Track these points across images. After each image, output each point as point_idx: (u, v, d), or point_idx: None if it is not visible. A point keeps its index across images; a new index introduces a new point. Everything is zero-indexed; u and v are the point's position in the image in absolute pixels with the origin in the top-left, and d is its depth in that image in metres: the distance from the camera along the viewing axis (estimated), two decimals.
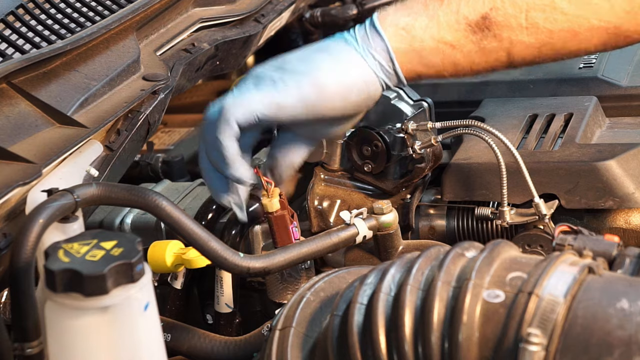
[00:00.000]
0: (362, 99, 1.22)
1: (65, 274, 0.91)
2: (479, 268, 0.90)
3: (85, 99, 1.25)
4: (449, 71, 1.25)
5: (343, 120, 1.25)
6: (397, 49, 1.22)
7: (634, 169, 1.30)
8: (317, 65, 1.21)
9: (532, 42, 1.22)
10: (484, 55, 1.23)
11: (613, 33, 1.22)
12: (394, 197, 1.39)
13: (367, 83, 1.22)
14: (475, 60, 1.24)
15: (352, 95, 1.21)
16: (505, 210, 1.29)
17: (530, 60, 1.25)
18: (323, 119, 1.23)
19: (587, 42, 1.23)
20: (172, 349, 1.22)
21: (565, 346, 0.84)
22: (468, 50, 1.22)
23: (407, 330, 0.90)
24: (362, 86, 1.22)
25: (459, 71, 1.25)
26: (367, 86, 1.22)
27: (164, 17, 1.50)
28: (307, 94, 1.19)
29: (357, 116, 1.26)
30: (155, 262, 1.21)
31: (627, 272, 0.96)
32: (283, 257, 1.17)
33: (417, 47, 1.22)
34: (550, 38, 1.22)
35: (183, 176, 1.80)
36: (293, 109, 1.19)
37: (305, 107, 1.20)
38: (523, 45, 1.22)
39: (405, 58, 1.23)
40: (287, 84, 1.19)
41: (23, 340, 0.98)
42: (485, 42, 1.22)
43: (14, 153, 1.12)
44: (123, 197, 1.08)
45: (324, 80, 1.20)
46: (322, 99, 1.20)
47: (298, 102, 1.19)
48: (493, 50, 1.23)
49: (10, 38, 1.26)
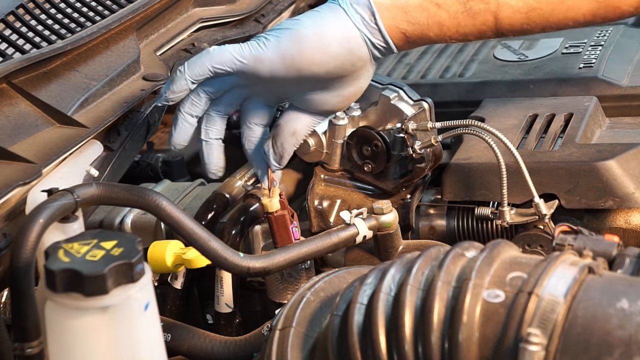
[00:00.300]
0: (344, 53, 1.21)
1: (65, 274, 0.91)
2: (479, 268, 0.90)
3: (85, 99, 1.26)
4: (435, 31, 1.24)
5: (333, 84, 1.24)
6: (380, 4, 1.22)
7: (634, 169, 1.30)
8: (298, 19, 1.22)
9: (520, 6, 1.22)
10: (470, 17, 1.23)
11: (602, 1, 1.22)
12: (394, 197, 1.39)
13: (347, 36, 1.21)
14: (461, 22, 1.23)
15: (332, 48, 1.21)
16: (505, 210, 1.29)
17: (518, 27, 1.25)
18: (307, 78, 1.22)
19: (576, 9, 1.23)
20: (172, 349, 1.22)
21: (565, 346, 0.84)
22: (454, 11, 1.22)
23: (407, 330, 0.90)
24: (341, 38, 1.21)
25: (445, 32, 1.24)
26: (347, 40, 1.21)
27: (164, 17, 1.51)
28: (285, 46, 1.20)
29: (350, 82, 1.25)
30: (155, 262, 1.21)
31: (627, 272, 0.96)
32: (283, 257, 1.17)
33: (401, 4, 1.22)
34: (538, 3, 1.22)
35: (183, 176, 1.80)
36: (271, 62, 1.20)
37: (284, 60, 1.20)
38: (510, 9, 1.22)
39: (389, 13, 1.22)
40: (267, 38, 1.21)
41: (23, 340, 0.98)
42: (471, 2, 1.22)
43: (14, 153, 1.12)
44: (123, 197, 1.08)
45: (302, 32, 1.20)
46: (300, 52, 1.20)
47: (276, 54, 1.20)
48: (480, 12, 1.22)
49: (11, 38, 1.26)
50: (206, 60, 1.21)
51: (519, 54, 1.64)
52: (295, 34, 1.20)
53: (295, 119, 1.29)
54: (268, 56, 1.20)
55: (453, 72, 1.62)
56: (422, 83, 1.60)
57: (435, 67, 1.65)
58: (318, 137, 1.39)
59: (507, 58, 1.64)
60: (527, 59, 1.62)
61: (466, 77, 1.60)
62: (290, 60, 1.20)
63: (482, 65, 1.63)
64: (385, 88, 1.36)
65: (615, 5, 1.22)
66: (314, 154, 1.40)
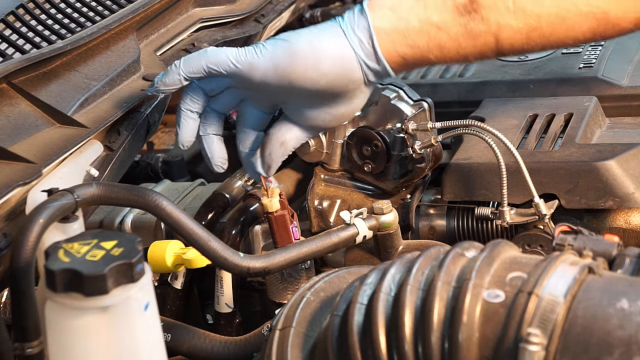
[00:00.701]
0: (336, 72, 1.22)
1: (66, 274, 0.91)
2: (479, 268, 0.90)
3: (85, 99, 1.26)
4: (435, 54, 1.24)
5: (325, 100, 1.25)
6: (379, 28, 1.22)
7: (634, 169, 1.30)
8: (297, 33, 1.23)
9: (520, 26, 1.22)
10: (471, 38, 1.23)
11: (602, 19, 1.22)
12: (394, 197, 1.39)
13: (342, 56, 1.22)
14: (462, 44, 1.23)
15: (325, 65, 1.21)
16: (505, 210, 1.29)
17: (519, 47, 1.25)
18: (298, 91, 1.22)
19: (576, 28, 1.23)
20: (172, 349, 1.22)
21: (565, 346, 0.84)
22: (455, 33, 1.22)
23: (407, 330, 0.90)
24: (336, 57, 1.21)
25: (446, 55, 1.24)
26: (341, 59, 1.22)
27: (164, 17, 1.51)
28: (279, 57, 1.20)
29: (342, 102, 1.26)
30: (155, 262, 1.21)
31: (627, 272, 0.96)
32: (283, 257, 1.17)
33: (402, 28, 1.22)
34: (539, 23, 1.22)
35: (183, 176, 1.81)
36: (264, 70, 1.21)
37: (276, 70, 1.21)
38: (511, 30, 1.22)
39: (388, 38, 1.22)
40: (264, 47, 1.22)
41: (23, 340, 0.98)
42: (472, 24, 1.22)
43: (14, 153, 1.12)
44: (123, 197, 1.08)
45: (298, 45, 1.21)
46: (292, 63, 1.20)
47: (269, 63, 1.21)
48: (481, 34, 1.22)
49: (11, 38, 1.26)
50: (202, 59, 1.22)
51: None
52: (290, 45, 1.21)
53: (285, 129, 1.29)
54: (261, 64, 1.21)
55: (453, 72, 1.62)
56: (422, 83, 1.60)
57: (435, 67, 1.65)
58: (318, 137, 1.39)
59: (507, 58, 1.64)
60: (527, 59, 1.62)
61: (466, 77, 1.60)
62: (282, 71, 1.21)
63: (482, 65, 1.63)
64: (385, 88, 1.36)
65: (615, 22, 1.23)
66: (314, 154, 1.40)
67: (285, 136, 1.29)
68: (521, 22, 1.22)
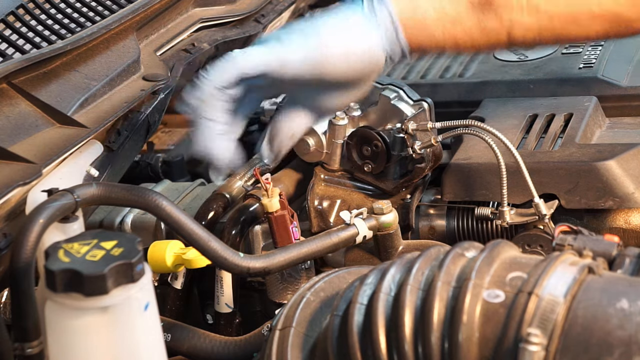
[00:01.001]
0: (365, 63, 1.23)
1: (66, 274, 0.91)
2: (479, 268, 0.90)
3: (85, 99, 1.26)
4: (450, 45, 1.25)
5: (346, 88, 1.25)
6: (400, 15, 1.23)
7: (634, 169, 1.30)
8: (323, 25, 1.23)
9: (533, 24, 1.23)
10: (484, 34, 1.24)
11: (614, 21, 1.23)
12: (394, 197, 1.39)
13: (370, 47, 1.23)
14: (475, 38, 1.25)
15: (355, 58, 1.22)
16: (505, 210, 1.29)
17: (530, 42, 1.26)
18: (326, 83, 1.23)
19: (588, 28, 1.24)
20: (172, 349, 1.22)
21: (565, 346, 0.84)
22: (469, 27, 1.24)
23: (407, 330, 0.90)
24: (365, 49, 1.22)
25: (460, 46, 1.26)
26: (370, 50, 1.23)
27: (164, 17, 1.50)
28: (311, 51, 1.21)
29: (360, 87, 1.26)
30: (155, 262, 1.21)
31: (627, 272, 0.96)
32: (283, 257, 1.17)
33: (419, 17, 1.23)
34: (551, 21, 1.23)
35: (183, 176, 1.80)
36: (297, 65, 1.21)
37: (309, 65, 1.21)
38: (523, 26, 1.23)
39: (408, 24, 1.23)
40: (293, 41, 1.21)
41: (23, 340, 0.98)
42: (485, 20, 1.23)
43: (14, 153, 1.12)
44: (123, 197, 1.08)
45: (329, 39, 1.21)
46: (326, 58, 1.21)
47: (302, 58, 1.21)
48: (494, 29, 1.23)
49: (11, 38, 1.26)
50: (233, 66, 1.21)
51: (519, 54, 1.64)
52: (321, 40, 1.21)
53: (295, 119, 1.29)
54: (294, 59, 1.21)
55: (453, 72, 1.63)
56: (422, 83, 1.60)
57: (435, 67, 1.65)
58: (318, 137, 1.39)
59: (507, 58, 1.64)
60: (527, 59, 1.62)
61: (466, 77, 1.60)
62: (315, 66, 1.21)
63: (482, 65, 1.63)
64: (385, 88, 1.36)
65: (627, 24, 1.23)
66: (314, 154, 1.40)
67: (294, 127, 1.29)
68: (534, 19, 1.23)
